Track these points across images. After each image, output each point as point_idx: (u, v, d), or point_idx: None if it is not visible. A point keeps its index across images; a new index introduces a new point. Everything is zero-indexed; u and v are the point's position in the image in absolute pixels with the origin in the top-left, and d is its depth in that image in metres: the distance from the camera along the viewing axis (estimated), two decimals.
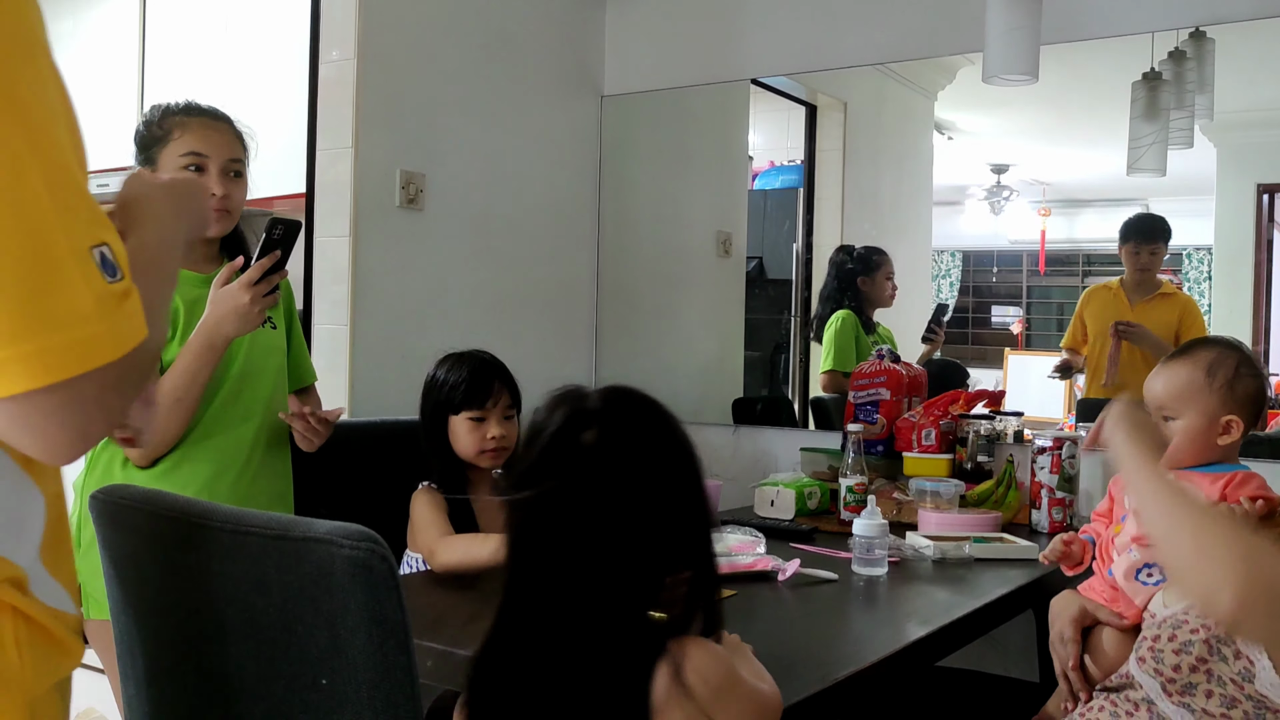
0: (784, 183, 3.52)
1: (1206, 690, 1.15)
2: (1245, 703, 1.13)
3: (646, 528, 1.01)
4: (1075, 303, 3.15)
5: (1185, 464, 1.68)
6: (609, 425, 1.03)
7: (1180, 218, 3.22)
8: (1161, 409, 1.69)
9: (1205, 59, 2.71)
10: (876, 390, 2.78)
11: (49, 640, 0.84)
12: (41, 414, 0.74)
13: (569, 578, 1.00)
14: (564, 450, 1.01)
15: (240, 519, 1.04)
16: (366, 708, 0.97)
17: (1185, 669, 1.17)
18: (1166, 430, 1.65)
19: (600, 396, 1.06)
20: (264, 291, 1.79)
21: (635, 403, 1.07)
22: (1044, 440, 2.45)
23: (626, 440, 1.03)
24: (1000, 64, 2.58)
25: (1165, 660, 1.19)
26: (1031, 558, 2.11)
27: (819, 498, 2.55)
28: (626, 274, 3.56)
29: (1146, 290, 3.04)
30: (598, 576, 0.99)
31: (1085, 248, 3.40)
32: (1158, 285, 3.05)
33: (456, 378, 2.01)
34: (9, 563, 0.82)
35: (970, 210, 3.54)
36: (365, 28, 2.72)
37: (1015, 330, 3.52)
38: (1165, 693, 1.20)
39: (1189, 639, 1.19)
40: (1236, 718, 1.13)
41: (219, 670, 1.06)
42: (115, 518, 1.16)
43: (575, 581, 1.00)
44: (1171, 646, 1.19)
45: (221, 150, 1.96)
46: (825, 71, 3.22)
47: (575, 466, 1.01)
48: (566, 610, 1.00)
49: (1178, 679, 1.18)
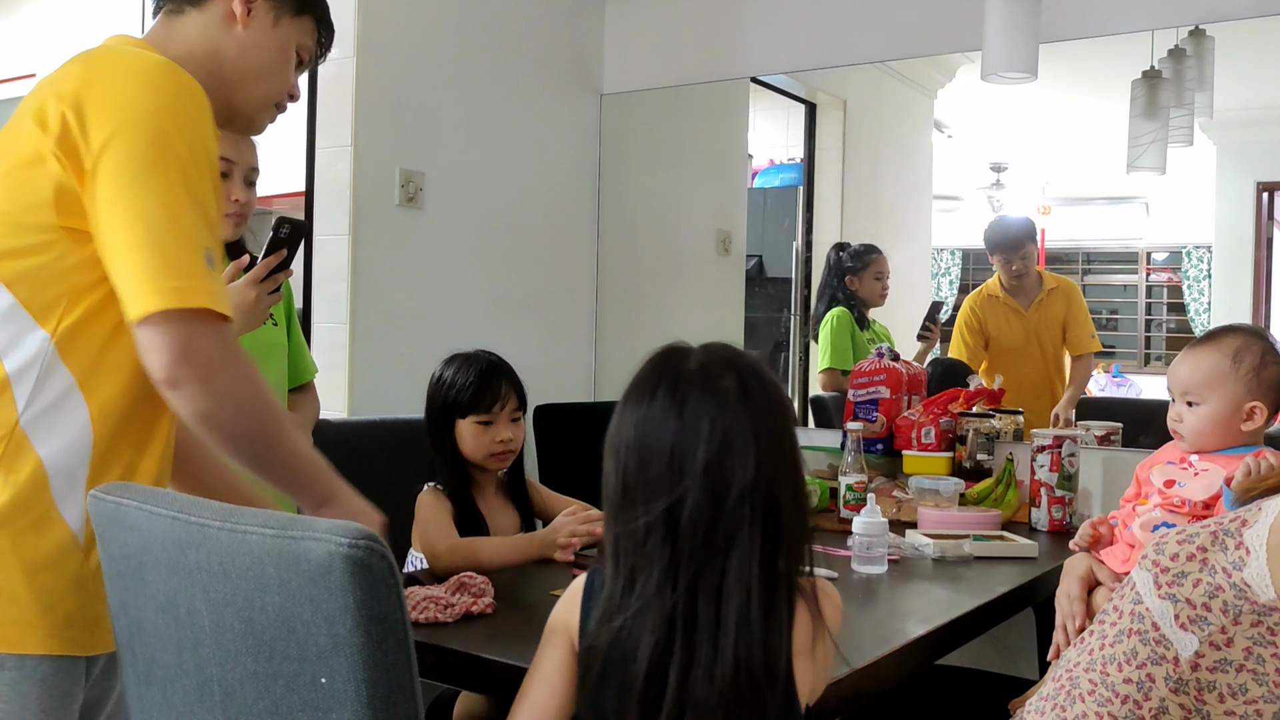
0: (783, 181, 3.52)
1: (1195, 579, 1.15)
2: (1228, 591, 1.12)
3: (785, 466, 1.08)
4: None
5: (1209, 448, 1.70)
6: (744, 371, 1.10)
7: (1180, 216, 3.22)
8: (1186, 393, 1.70)
9: (1205, 57, 2.71)
10: (876, 388, 2.78)
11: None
12: (160, 334, 1.17)
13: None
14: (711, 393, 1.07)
15: (240, 518, 1.04)
16: (366, 707, 0.97)
17: (1183, 557, 1.17)
18: (1190, 415, 1.68)
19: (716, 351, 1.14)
20: (270, 289, 1.79)
21: (743, 356, 1.15)
22: (1044, 439, 2.45)
23: (760, 386, 1.10)
24: (999, 62, 2.58)
25: (1166, 550, 1.19)
26: (1031, 556, 2.11)
27: (818, 496, 2.55)
28: (626, 271, 3.56)
29: (1033, 291, 3.10)
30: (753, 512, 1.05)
31: (1085, 246, 3.40)
32: (1040, 281, 3.11)
33: (464, 380, 2.01)
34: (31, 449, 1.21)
35: (970, 208, 3.54)
36: (364, 26, 2.72)
37: None
38: (1156, 585, 1.18)
39: (1196, 531, 1.19)
40: (1215, 606, 1.13)
41: (219, 670, 1.06)
42: (115, 517, 1.16)
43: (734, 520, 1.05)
44: (1177, 537, 1.19)
45: (246, 158, 2.03)
46: (825, 70, 3.22)
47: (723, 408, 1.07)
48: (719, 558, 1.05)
49: (1173, 568, 1.17)
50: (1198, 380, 1.68)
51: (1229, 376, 1.65)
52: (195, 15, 1.39)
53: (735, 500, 1.04)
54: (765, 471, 1.06)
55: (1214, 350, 1.68)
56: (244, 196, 2.03)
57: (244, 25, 1.39)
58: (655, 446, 1.06)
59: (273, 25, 1.42)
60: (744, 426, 1.06)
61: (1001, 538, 2.18)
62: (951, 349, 3.20)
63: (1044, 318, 3.08)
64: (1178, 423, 1.73)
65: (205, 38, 1.38)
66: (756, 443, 1.06)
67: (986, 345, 3.13)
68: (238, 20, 1.39)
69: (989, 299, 3.14)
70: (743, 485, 1.04)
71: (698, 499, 1.04)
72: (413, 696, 1.01)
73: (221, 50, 1.39)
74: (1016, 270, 3.10)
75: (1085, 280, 3.40)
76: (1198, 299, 3.16)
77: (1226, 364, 1.66)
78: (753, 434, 1.06)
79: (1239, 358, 1.65)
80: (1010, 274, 3.12)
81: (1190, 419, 1.70)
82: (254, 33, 1.40)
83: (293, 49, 1.46)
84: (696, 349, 1.14)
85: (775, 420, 1.09)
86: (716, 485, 1.04)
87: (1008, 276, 3.12)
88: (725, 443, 1.05)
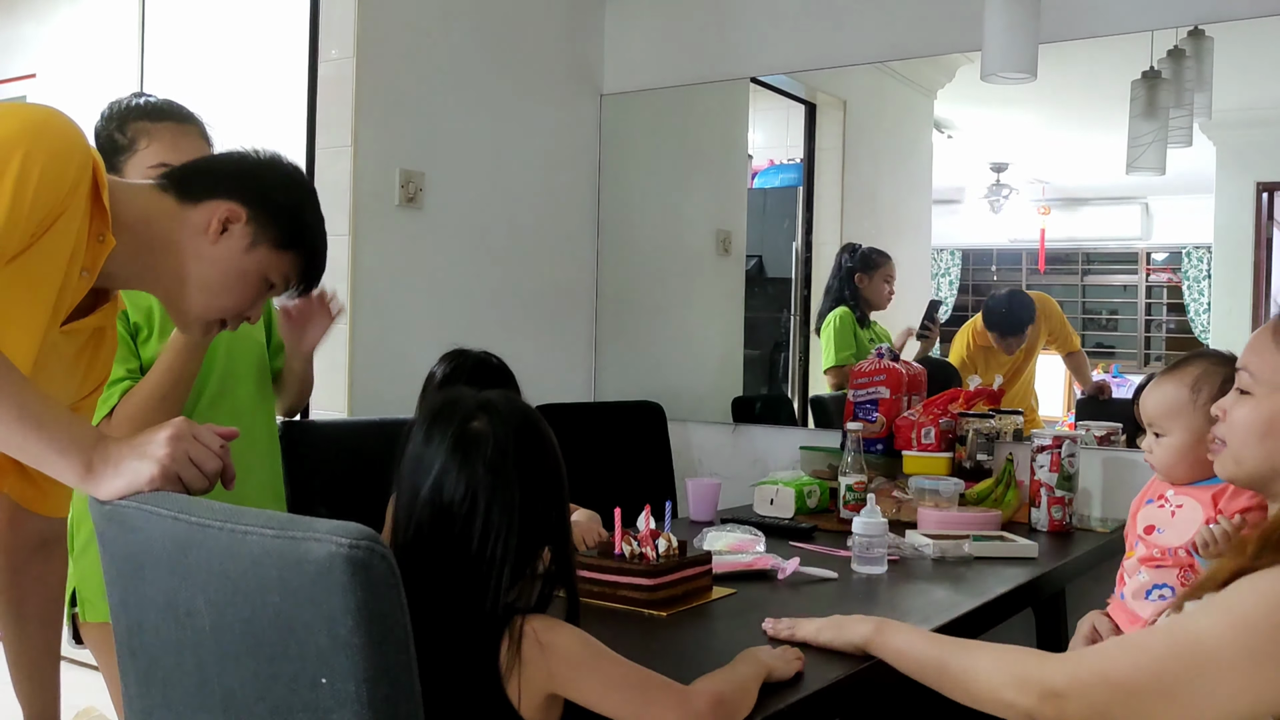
0: (783, 181, 3.52)
1: None
2: None
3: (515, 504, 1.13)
4: (1075, 301, 3.16)
5: (1181, 480, 1.67)
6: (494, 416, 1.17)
7: (1180, 216, 3.22)
8: (1152, 425, 1.68)
9: (1204, 57, 2.71)
10: (876, 389, 2.78)
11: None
12: None
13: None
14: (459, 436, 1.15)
15: (240, 518, 1.04)
16: (367, 707, 0.97)
17: None
18: (1158, 447, 1.66)
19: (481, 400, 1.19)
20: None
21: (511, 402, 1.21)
22: (1043, 439, 2.45)
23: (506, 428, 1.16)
24: (999, 62, 2.58)
25: None
26: (1031, 556, 2.12)
27: (818, 496, 2.55)
28: (626, 272, 3.56)
29: (1016, 344, 3.16)
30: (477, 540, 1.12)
31: (1085, 246, 3.40)
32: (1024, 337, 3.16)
33: (457, 380, 2.00)
34: None
35: (969, 209, 3.55)
36: (364, 26, 2.72)
37: None
38: None
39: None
40: None
41: (219, 670, 1.06)
42: (115, 518, 1.16)
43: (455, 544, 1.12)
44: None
45: (191, 157, 1.85)
46: (825, 70, 3.22)
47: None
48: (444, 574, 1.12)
49: None
50: (1160, 412, 1.66)
51: (1188, 407, 1.62)
52: (174, 205, 1.35)
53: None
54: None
55: (1174, 381, 1.65)
56: None
57: (213, 241, 1.34)
58: None
59: (244, 250, 1.36)
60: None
61: (1001, 538, 2.18)
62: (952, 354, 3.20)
63: (1023, 360, 3.14)
64: (1149, 454, 1.71)
65: (171, 227, 1.34)
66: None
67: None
68: (209, 234, 1.34)
69: (973, 341, 3.20)
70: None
71: None
72: (413, 697, 1.01)
73: (177, 245, 1.34)
74: (1009, 345, 3.14)
75: (1085, 280, 3.40)
76: (1197, 299, 3.16)
77: (1185, 394, 1.63)
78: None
79: (1198, 387, 1.62)
80: (1001, 345, 3.15)
81: (1158, 451, 1.68)
82: (219, 250, 1.35)
83: (260, 277, 1.39)
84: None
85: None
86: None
87: (998, 345, 3.16)
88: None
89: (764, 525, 2.20)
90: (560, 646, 1.11)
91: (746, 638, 1.47)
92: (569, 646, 1.11)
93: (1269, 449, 1.23)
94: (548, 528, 1.17)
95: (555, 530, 1.18)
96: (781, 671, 1.27)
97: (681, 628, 1.54)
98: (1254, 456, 1.25)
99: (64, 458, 1.14)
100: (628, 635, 1.51)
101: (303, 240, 1.43)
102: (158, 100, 1.95)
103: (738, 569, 1.84)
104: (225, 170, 1.40)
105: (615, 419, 2.98)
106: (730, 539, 2.00)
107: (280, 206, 1.40)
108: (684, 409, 3.31)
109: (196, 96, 2.15)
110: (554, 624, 1.13)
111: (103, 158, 1.89)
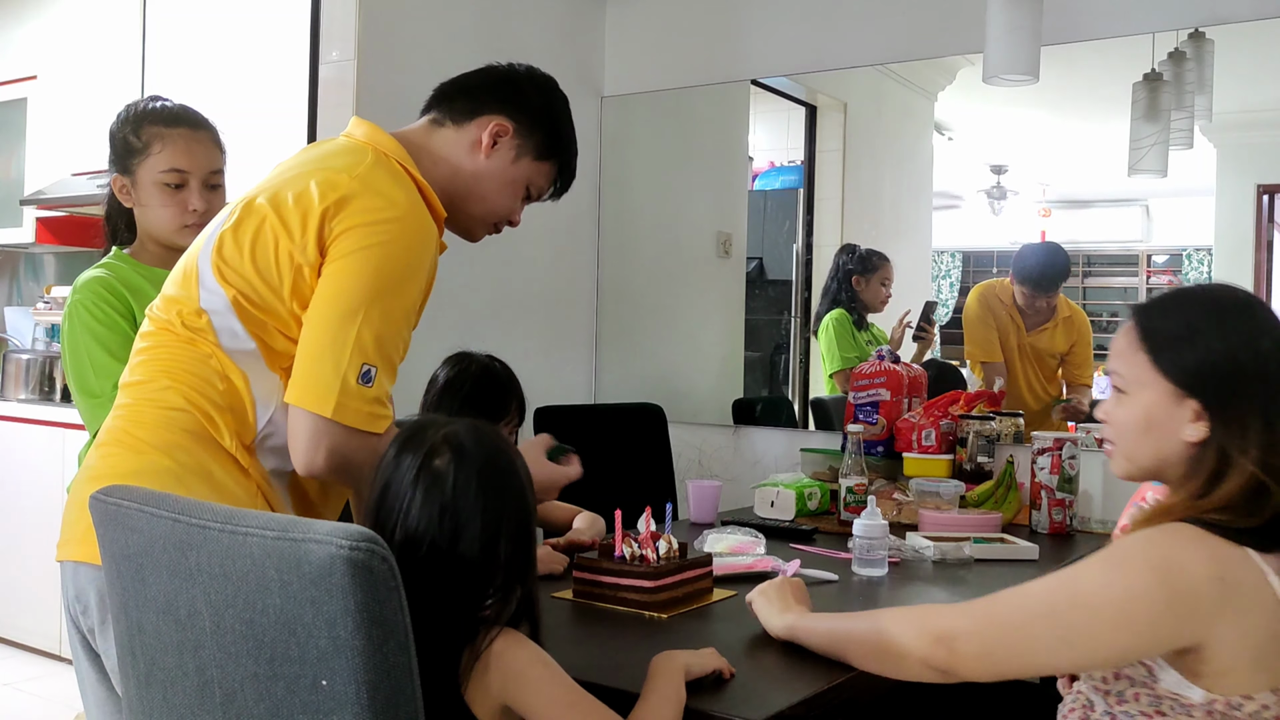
0: (784, 183, 3.52)
1: (1134, 693, 1.20)
2: (1167, 700, 1.17)
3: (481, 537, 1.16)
4: (1076, 303, 3.15)
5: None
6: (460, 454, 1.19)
7: (1180, 218, 3.22)
8: None
9: (1205, 60, 2.71)
10: (876, 391, 2.78)
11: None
12: (300, 426, 1.36)
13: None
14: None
15: (240, 519, 1.04)
16: (367, 709, 0.97)
17: (1111, 676, 1.22)
18: None
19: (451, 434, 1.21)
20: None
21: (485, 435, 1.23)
22: (1044, 441, 2.45)
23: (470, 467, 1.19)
24: (1000, 64, 2.58)
25: (1095, 671, 1.24)
26: (1032, 558, 2.11)
27: (819, 498, 2.55)
28: (626, 274, 3.56)
29: (1042, 317, 3.06)
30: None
31: (1086, 248, 3.40)
32: (1053, 310, 3.05)
33: (461, 386, 2.00)
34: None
35: (970, 211, 3.54)
36: (365, 28, 2.73)
37: None
38: (1101, 692, 1.24)
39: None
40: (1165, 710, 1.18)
41: (219, 672, 1.06)
42: (115, 518, 1.15)
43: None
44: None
45: (203, 164, 1.91)
46: (825, 72, 3.22)
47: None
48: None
49: (1108, 686, 1.22)
50: None
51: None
52: (451, 132, 1.58)
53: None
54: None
55: None
56: (202, 205, 1.89)
57: (486, 155, 1.57)
58: None
59: (511, 162, 1.59)
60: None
61: (1002, 540, 2.18)
62: (965, 336, 3.16)
63: (1040, 344, 3.05)
64: None
65: (452, 154, 1.58)
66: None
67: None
68: (482, 150, 1.57)
69: (996, 300, 3.10)
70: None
71: None
72: (413, 699, 1.01)
73: (460, 169, 1.58)
74: (1037, 306, 3.03)
75: (1085, 283, 3.40)
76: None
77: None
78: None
79: None
80: (1030, 305, 3.04)
81: None
82: (492, 163, 1.58)
83: (523, 185, 1.62)
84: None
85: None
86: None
87: (1025, 304, 3.06)
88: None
89: (765, 527, 2.20)
90: (515, 660, 1.15)
91: (747, 639, 1.47)
92: (522, 662, 1.15)
93: (1153, 440, 1.26)
94: (506, 566, 1.17)
95: (514, 568, 1.18)
96: (699, 667, 1.28)
97: (682, 630, 1.54)
98: (1142, 450, 1.28)
99: None
100: (628, 637, 1.51)
101: (558, 151, 1.64)
102: (173, 105, 1.96)
103: (738, 571, 1.84)
104: (487, 85, 1.61)
105: (616, 421, 2.98)
106: (731, 541, 2.00)
107: (540, 119, 1.61)
108: (685, 411, 3.31)
109: (198, 97, 2.15)
110: (516, 640, 1.17)
111: (116, 159, 1.92)
